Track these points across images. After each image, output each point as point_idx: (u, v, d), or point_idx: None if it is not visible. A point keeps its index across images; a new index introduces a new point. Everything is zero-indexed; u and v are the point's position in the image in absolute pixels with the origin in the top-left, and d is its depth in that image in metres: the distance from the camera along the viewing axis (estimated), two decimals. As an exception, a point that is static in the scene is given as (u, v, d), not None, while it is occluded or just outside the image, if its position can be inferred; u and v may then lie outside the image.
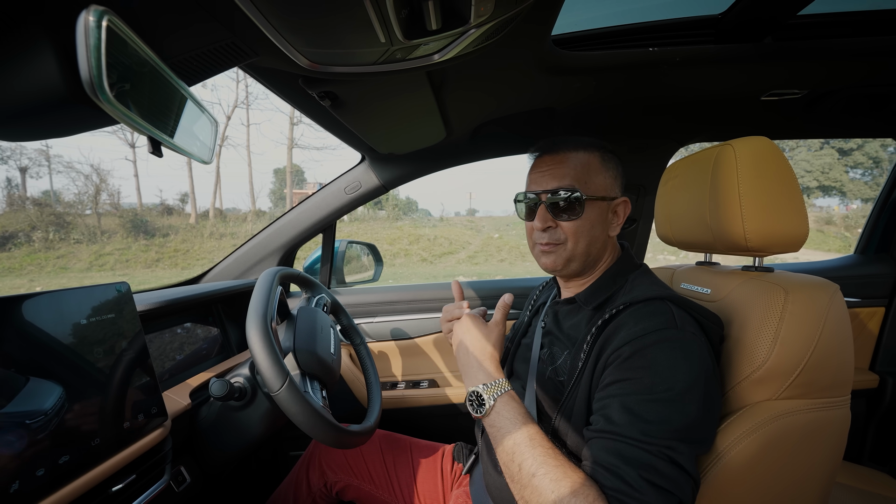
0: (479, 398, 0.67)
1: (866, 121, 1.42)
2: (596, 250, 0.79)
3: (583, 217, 0.76)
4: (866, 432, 1.51)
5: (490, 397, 0.66)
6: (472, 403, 0.68)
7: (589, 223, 0.77)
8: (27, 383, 0.58)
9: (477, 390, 0.67)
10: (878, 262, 1.59)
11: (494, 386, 0.67)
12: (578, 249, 0.77)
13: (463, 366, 0.74)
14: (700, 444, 0.60)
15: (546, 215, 0.77)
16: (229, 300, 1.33)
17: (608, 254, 0.82)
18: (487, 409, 0.66)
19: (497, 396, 0.66)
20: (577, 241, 0.77)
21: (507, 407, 0.65)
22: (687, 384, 0.59)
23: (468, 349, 0.73)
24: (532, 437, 0.61)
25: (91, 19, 0.39)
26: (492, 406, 0.66)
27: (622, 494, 0.54)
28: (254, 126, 24.48)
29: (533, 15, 0.70)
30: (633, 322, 0.65)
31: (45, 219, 13.68)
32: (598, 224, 0.78)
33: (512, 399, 0.66)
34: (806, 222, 0.72)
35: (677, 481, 0.55)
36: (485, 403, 0.66)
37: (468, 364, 0.72)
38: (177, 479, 0.85)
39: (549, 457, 0.59)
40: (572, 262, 0.78)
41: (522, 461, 0.59)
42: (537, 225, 0.79)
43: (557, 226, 0.78)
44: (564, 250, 0.78)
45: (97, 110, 0.42)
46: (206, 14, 0.54)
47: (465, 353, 0.74)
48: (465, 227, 18.30)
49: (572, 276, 0.82)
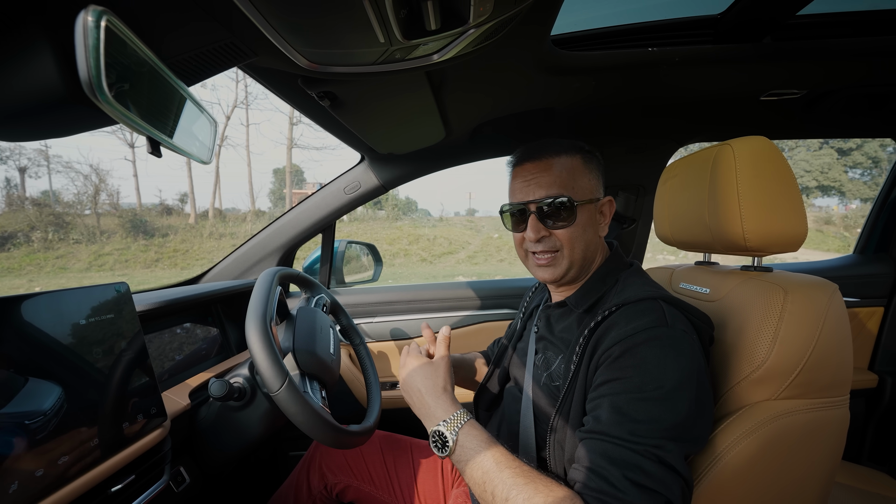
0: (442, 437, 0.65)
1: (865, 121, 1.42)
2: (591, 252, 0.79)
3: (576, 223, 0.75)
4: (865, 432, 1.51)
5: (451, 433, 0.64)
6: (436, 444, 0.66)
7: (581, 228, 0.76)
8: (26, 384, 0.57)
9: (438, 429, 0.66)
10: (877, 261, 1.59)
11: (453, 420, 0.66)
12: (576, 255, 0.77)
13: (417, 409, 0.72)
14: (692, 442, 0.59)
15: (538, 225, 0.76)
16: (229, 300, 1.33)
17: (599, 254, 0.82)
18: (451, 447, 0.64)
19: (458, 430, 0.65)
20: (573, 247, 0.76)
21: (469, 438, 0.64)
22: (677, 382, 0.59)
23: (419, 391, 0.72)
24: (498, 462, 0.60)
25: (90, 19, 0.39)
26: (455, 442, 0.64)
27: (604, 495, 0.54)
28: (253, 126, 24.44)
29: (532, 15, 0.70)
30: (624, 322, 0.65)
31: (44, 219, 13.67)
32: (589, 227, 0.77)
33: (473, 428, 0.65)
34: (805, 222, 0.72)
35: (664, 481, 0.54)
36: (447, 442, 0.64)
37: (422, 405, 0.71)
38: (176, 479, 0.85)
39: (518, 477, 0.58)
40: (571, 269, 0.78)
41: (494, 488, 0.58)
42: (530, 235, 0.77)
43: (551, 234, 0.77)
44: (563, 259, 0.77)
45: (96, 110, 0.42)
46: (205, 14, 0.53)
47: (416, 396, 0.72)
48: (465, 227, 18.30)
49: (568, 283, 0.82)
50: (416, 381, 0.74)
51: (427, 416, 0.70)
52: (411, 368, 0.76)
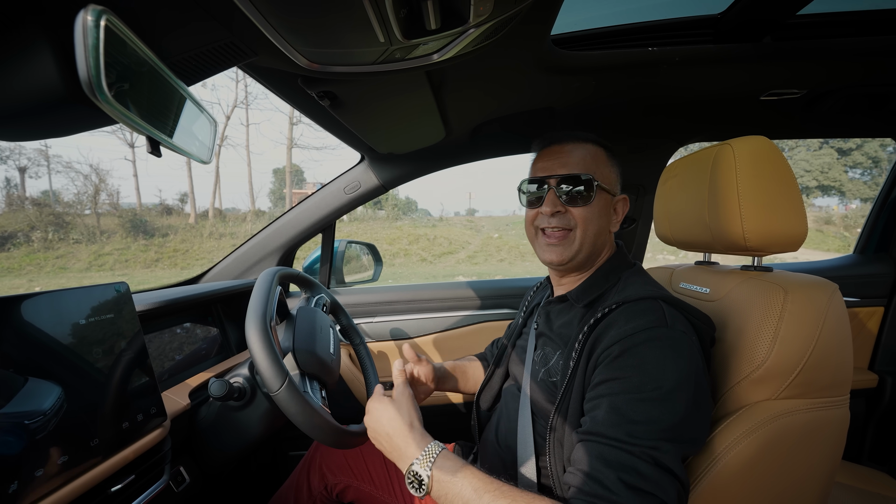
0: (417, 476, 0.63)
1: (865, 120, 1.42)
2: (601, 242, 0.79)
3: (593, 203, 0.76)
4: (865, 432, 1.51)
5: (425, 469, 0.63)
6: (413, 484, 0.64)
7: (598, 210, 0.77)
8: (26, 383, 0.57)
9: (412, 469, 0.64)
10: (878, 261, 1.59)
11: (426, 455, 0.64)
12: (588, 237, 0.76)
13: (389, 454, 0.70)
14: (690, 443, 0.59)
15: (556, 200, 0.76)
16: (228, 300, 1.33)
17: (606, 250, 0.82)
18: (428, 484, 0.62)
19: (431, 464, 0.63)
20: (586, 227, 0.76)
21: (444, 471, 0.62)
22: (676, 382, 0.58)
23: (388, 434, 0.70)
24: (476, 488, 0.58)
25: (89, 19, 0.39)
26: (430, 477, 0.62)
27: (598, 499, 0.53)
28: (253, 126, 24.46)
29: (532, 15, 0.70)
30: (623, 320, 0.65)
31: (44, 219, 13.67)
32: (604, 215, 0.78)
33: (447, 460, 0.63)
34: (805, 222, 0.72)
35: (660, 483, 0.54)
36: (423, 480, 0.62)
37: (392, 448, 0.69)
38: (176, 479, 0.85)
39: (498, 499, 0.56)
40: (581, 252, 0.77)
41: None
42: (545, 210, 0.77)
43: (567, 211, 0.76)
44: (575, 239, 0.77)
45: (96, 110, 0.42)
46: (205, 13, 0.53)
47: (386, 440, 0.71)
48: (465, 226, 18.31)
49: (572, 271, 0.82)
50: (383, 426, 0.71)
51: (399, 458, 0.68)
52: (375, 415, 0.73)
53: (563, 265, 0.79)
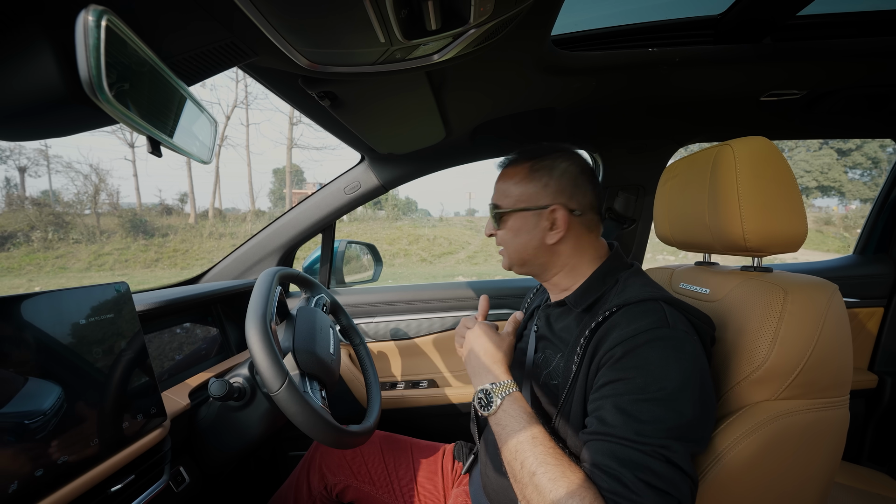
0: (488, 396, 0.69)
1: (865, 121, 1.42)
2: (531, 256, 0.82)
3: (506, 227, 0.83)
4: (865, 432, 1.51)
5: (498, 396, 0.69)
6: (481, 401, 0.70)
7: (512, 233, 0.82)
8: (26, 383, 0.57)
9: (486, 388, 0.70)
10: (877, 262, 1.59)
11: (503, 386, 0.70)
12: (511, 253, 0.84)
13: (473, 368, 0.76)
14: (696, 442, 0.59)
15: (490, 224, 0.87)
16: (228, 300, 1.33)
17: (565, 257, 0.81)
18: (495, 408, 0.68)
19: (505, 396, 0.69)
20: (507, 246, 0.84)
21: (514, 406, 0.67)
22: (680, 382, 0.59)
23: (479, 354, 0.76)
24: (535, 437, 0.62)
25: (90, 19, 0.39)
26: (499, 405, 0.68)
27: (620, 497, 0.54)
28: (253, 126, 24.45)
29: (533, 15, 0.70)
30: (625, 322, 0.65)
31: (44, 219, 13.66)
32: (522, 233, 0.81)
33: (518, 400, 0.69)
34: (804, 222, 0.72)
35: (674, 481, 0.54)
36: (492, 402, 0.68)
37: (478, 367, 0.75)
38: (176, 479, 0.85)
39: (549, 456, 0.59)
40: (514, 265, 0.85)
41: (524, 459, 0.60)
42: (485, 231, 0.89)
43: (495, 234, 0.86)
44: (505, 254, 0.86)
45: (96, 110, 0.42)
46: (205, 13, 0.53)
47: (475, 358, 0.77)
48: (465, 227, 18.30)
49: (534, 275, 0.87)
50: (479, 344, 0.78)
51: (479, 377, 0.74)
52: (480, 332, 0.80)
53: (510, 270, 0.87)
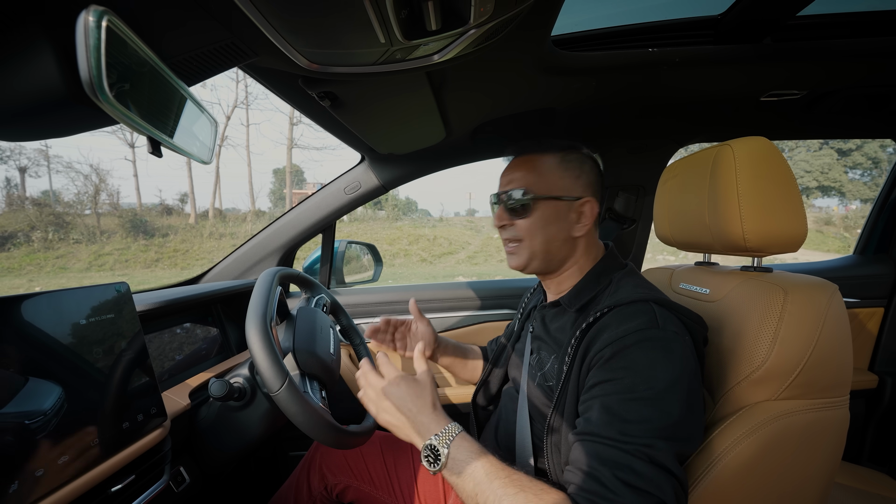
0: (434, 451, 0.64)
1: (865, 121, 1.42)
2: (557, 248, 0.80)
3: (534, 215, 0.78)
4: (865, 433, 1.51)
5: (444, 446, 0.64)
6: (429, 458, 0.64)
7: (542, 221, 0.79)
8: (26, 383, 0.57)
9: (430, 443, 0.65)
10: (877, 262, 1.59)
11: (445, 433, 0.65)
12: (536, 246, 0.79)
13: (406, 427, 0.70)
14: (684, 442, 0.59)
15: (502, 214, 0.82)
16: (229, 300, 1.33)
17: (579, 254, 0.81)
18: (444, 461, 0.63)
19: (450, 443, 0.64)
20: (531, 238, 0.79)
21: (461, 450, 0.63)
22: (668, 382, 0.59)
23: (404, 409, 0.70)
24: (489, 472, 0.59)
25: (91, 19, 0.39)
26: (447, 455, 0.63)
27: (597, 496, 0.54)
28: (253, 126, 24.48)
29: (533, 15, 0.70)
30: (615, 323, 0.65)
31: (44, 219, 13.67)
32: (553, 223, 0.79)
33: (464, 440, 0.65)
34: (804, 222, 0.72)
35: (656, 481, 0.54)
36: (440, 455, 0.63)
37: (413, 423, 0.69)
38: (176, 479, 0.85)
39: (508, 486, 0.57)
40: (534, 259, 0.80)
41: (486, 500, 0.58)
42: (495, 223, 0.83)
43: (513, 224, 0.81)
44: (523, 249, 0.80)
45: (97, 110, 0.42)
46: (205, 14, 0.53)
47: (401, 415, 0.70)
48: (465, 227, 18.30)
49: (544, 275, 0.84)
50: (405, 400, 0.70)
51: (418, 434, 0.68)
52: (396, 387, 0.72)
53: (522, 270, 0.83)
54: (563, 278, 0.83)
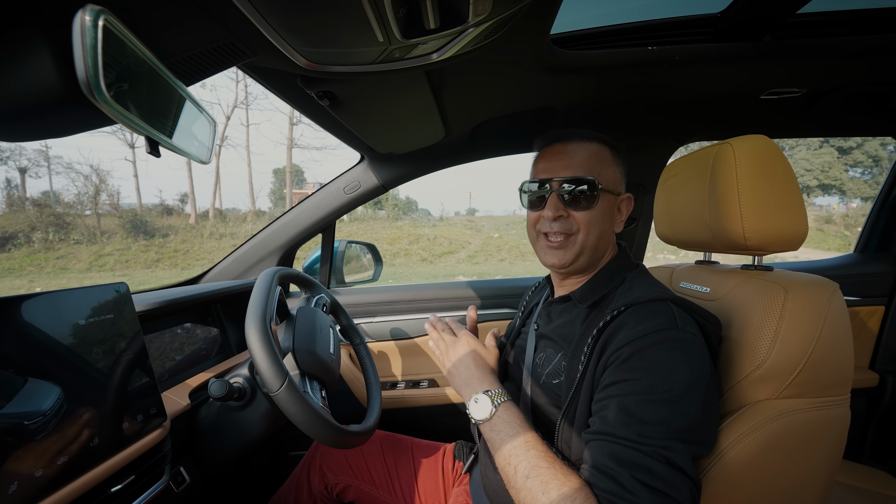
0: (485, 403, 0.70)
1: (865, 119, 1.42)
2: (603, 245, 0.79)
3: (596, 207, 0.75)
4: (866, 431, 1.51)
5: (493, 404, 0.69)
6: (476, 408, 0.71)
7: (601, 214, 0.76)
8: (25, 384, 0.57)
9: (483, 396, 0.71)
10: (878, 260, 1.59)
11: (497, 394, 0.71)
12: (590, 241, 0.76)
13: (463, 378, 0.77)
14: (700, 445, 0.59)
15: (558, 204, 0.75)
16: (229, 300, 1.33)
17: (610, 251, 0.82)
18: (489, 416, 0.68)
19: (499, 403, 0.69)
20: (589, 232, 0.75)
21: (508, 413, 0.68)
22: (687, 385, 0.58)
23: (469, 364, 0.78)
24: (527, 441, 0.63)
25: (87, 19, 0.39)
26: (494, 412, 0.68)
27: (615, 496, 0.54)
28: (253, 126, 24.47)
29: (531, 14, 0.70)
30: (633, 323, 0.65)
31: (44, 219, 13.67)
32: (607, 217, 0.77)
33: (512, 407, 0.70)
34: (805, 221, 0.72)
35: (673, 483, 0.54)
36: (488, 410, 0.69)
37: (469, 376, 0.76)
38: (176, 479, 0.85)
39: (541, 459, 0.60)
40: (582, 255, 0.77)
41: (518, 464, 0.61)
42: (548, 214, 0.76)
43: (569, 215, 0.75)
44: (575, 243, 0.76)
45: (95, 110, 0.42)
46: (203, 13, 0.53)
47: (465, 367, 0.78)
48: (465, 226, 18.29)
49: (575, 273, 0.81)
50: (468, 357, 0.78)
51: (470, 385, 0.75)
52: (467, 343, 0.81)
53: (564, 268, 0.79)
54: (585, 276, 0.81)
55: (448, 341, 0.84)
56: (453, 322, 0.89)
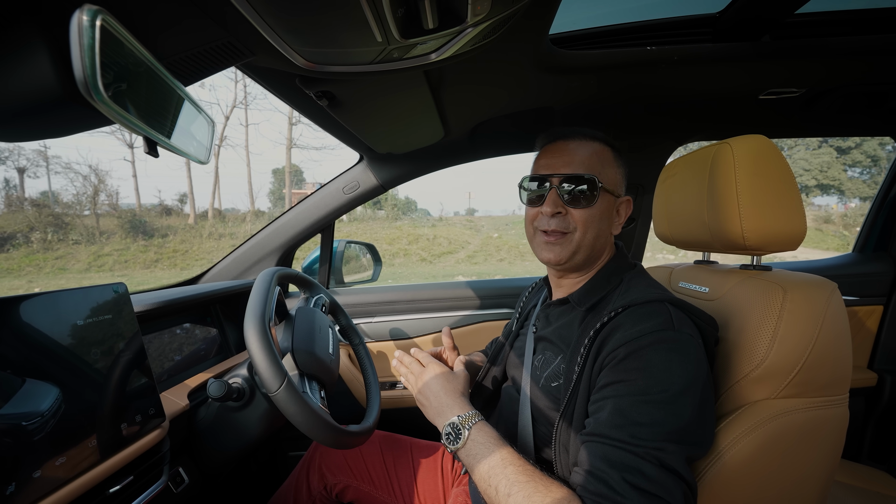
0: (456, 429, 0.69)
1: (864, 119, 1.42)
2: (600, 245, 0.78)
3: (595, 206, 0.75)
4: (865, 430, 1.51)
5: (465, 428, 0.68)
6: (450, 436, 0.69)
7: (599, 214, 0.76)
8: (24, 385, 0.57)
9: (452, 422, 0.70)
10: (877, 260, 1.59)
11: (468, 417, 0.70)
12: (586, 240, 0.75)
13: (434, 406, 0.75)
14: (695, 446, 0.59)
15: (557, 200, 0.75)
16: (228, 300, 1.33)
17: (607, 252, 0.82)
18: (463, 441, 0.67)
19: (472, 426, 0.68)
20: (586, 230, 0.75)
21: (481, 434, 0.67)
22: (682, 386, 0.58)
23: (438, 392, 0.76)
24: (504, 459, 0.62)
25: (85, 18, 0.38)
26: (467, 437, 0.67)
27: (603, 498, 0.53)
28: (252, 126, 24.48)
29: (530, 14, 0.70)
30: (629, 324, 0.65)
31: (43, 220, 13.65)
32: (605, 217, 0.77)
33: (484, 426, 0.69)
34: (804, 220, 0.72)
35: (665, 485, 0.54)
36: (461, 435, 0.68)
37: (439, 405, 0.75)
38: (175, 480, 0.85)
39: (520, 475, 0.60)
40: (577, 254, 0.76)
41: (497, 484, 0.60)
42: (546, 210, 0.76)
43: (567, 213, 0.75)
44: (571, 241, 0.75)
45: (93, 110, 0.42)
46: (201, 13, 0.53)
47: (434, 396, 0.76)
48: (465, 226, 18.29)
49: (571, 272, 0.81)
50: (436, 385, 0.77)
51: (442, 414, 0.73)
52: (434, 374, 0.79)
53: (560, 265, 0.79)
54: (582, 277, 0.81)
55: (416, 373, 0.82)
56: (420, 353, 0.87)
